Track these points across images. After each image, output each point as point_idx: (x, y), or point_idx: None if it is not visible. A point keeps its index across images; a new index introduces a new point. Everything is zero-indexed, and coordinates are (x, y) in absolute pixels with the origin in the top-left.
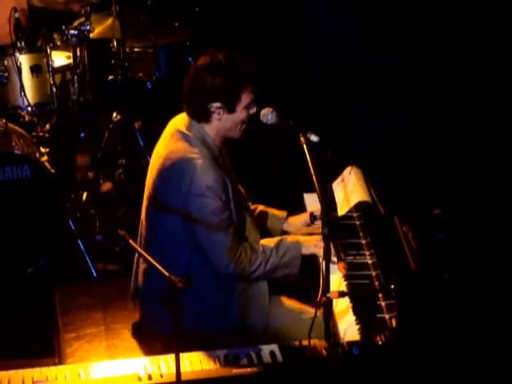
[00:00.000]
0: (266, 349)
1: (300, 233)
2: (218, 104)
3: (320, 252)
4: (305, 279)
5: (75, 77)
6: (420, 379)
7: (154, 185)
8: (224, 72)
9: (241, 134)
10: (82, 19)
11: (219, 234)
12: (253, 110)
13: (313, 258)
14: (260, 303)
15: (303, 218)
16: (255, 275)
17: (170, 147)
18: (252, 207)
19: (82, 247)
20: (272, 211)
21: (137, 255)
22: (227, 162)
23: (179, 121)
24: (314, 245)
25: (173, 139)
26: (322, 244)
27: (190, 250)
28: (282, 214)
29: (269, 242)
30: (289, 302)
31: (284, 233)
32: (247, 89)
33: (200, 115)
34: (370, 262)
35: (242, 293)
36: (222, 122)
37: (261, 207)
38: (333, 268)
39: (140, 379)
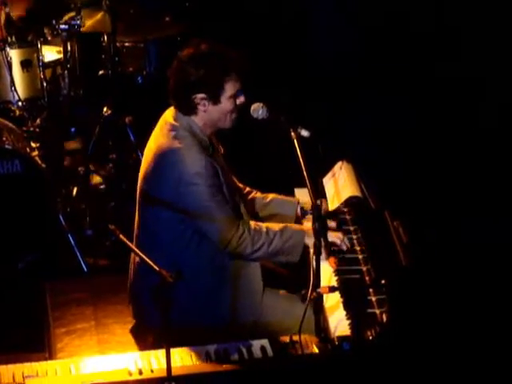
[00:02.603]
0: (256, 344)
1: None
2: (201, 95)
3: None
4: (296, 274)
5: (66, 71)
6: (411, 374)
7: (146, 179)
8: (205, 62)
9: (232, 124)
10: (73, 14)
11: (217, 215)
12: (240, 100)
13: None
14: (252, 294)
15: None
16: (257, 255)
17: (158, 140)
18: (262, 196)
19: (72, 242)
20: (285, 198)
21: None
22: (220, 151)
23: (168, 113)
24: None
25: (162, 132)
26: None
27: (186, 241)
28: (294, 199)
29: (273, 226)
30: (278, 293)
31: (297, 219)
32: (231, 78)
33: (186, 108)
34: (360, 256)
35: (234, 284)
36: (209, 114)
37: (272, 195)
38: (323, 263)
39: (131, 374)
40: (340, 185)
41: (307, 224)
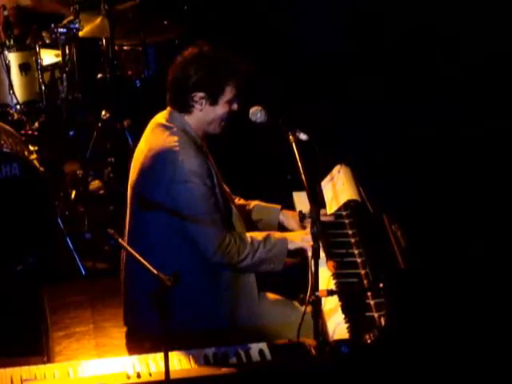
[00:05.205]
0: (254, 347)
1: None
2: (201, 94)
3: (307, 245)
4: (292, 277)
5: (64, 75)
6: (409, 378)
7: (138, 182)
8: (210, 63)
9: (221, 130)
10: (71, 17)
11: (206, 220)
12: (234, 107)
13: (301, 254)
14: (248, 298)
15: (295, 215)
16: (242, 265)
17: (150, 141)
18: (245, 203)
19: (70, 245)
20: (267, 204)
21: (123, 256)
22: (210, 156)
23: (160, 116)
24: (300, 239)
25: (153, 133)
26: (308, 237)
27: (179, 244)
28: (277, 206)
29: (256, 235)
30: (275, 298)
31: (281, 225)
32: (231, 83)
33: (182, 105)
34: (358, 260)
35: (231, 287)
36: (204, 114)
37: (254, 202)
38: (321, 266)
39: (129, 377)
40: (338, 188)
41: (295, 229)
